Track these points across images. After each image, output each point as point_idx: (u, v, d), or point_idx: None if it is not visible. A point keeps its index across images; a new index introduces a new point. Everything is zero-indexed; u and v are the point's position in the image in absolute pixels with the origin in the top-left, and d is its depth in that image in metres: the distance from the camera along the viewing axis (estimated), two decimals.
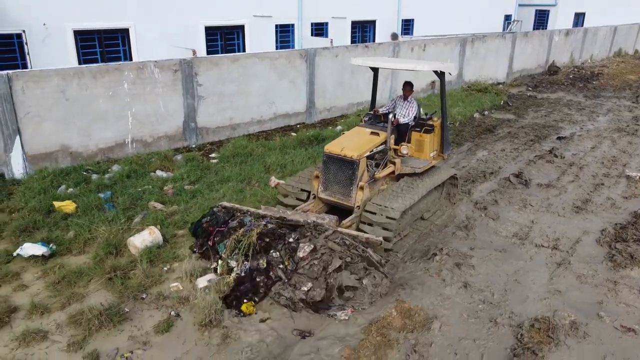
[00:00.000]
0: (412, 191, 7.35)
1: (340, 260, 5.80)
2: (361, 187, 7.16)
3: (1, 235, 7.38)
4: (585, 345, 5.30)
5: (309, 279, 5.76)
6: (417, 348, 5.19)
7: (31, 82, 9.38)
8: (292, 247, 6.08)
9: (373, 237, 6.28)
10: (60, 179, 9.25)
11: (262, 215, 6.83)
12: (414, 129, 8.26)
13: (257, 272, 6.04)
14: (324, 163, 7.41)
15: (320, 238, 6.13)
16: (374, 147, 7.55)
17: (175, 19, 14.49)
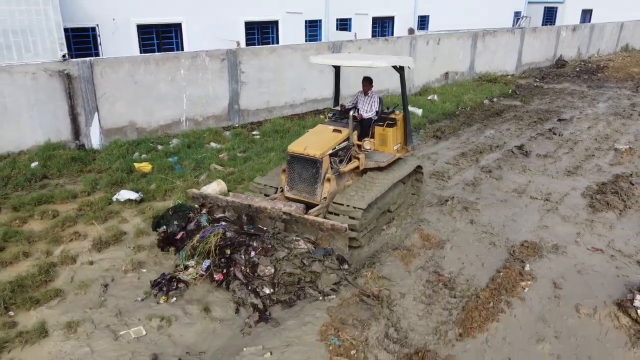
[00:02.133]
0: (377, 184, 7.44)
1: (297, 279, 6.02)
2: (328, 179, 7.19)
3: (97, 188, 9.19)
4: (561, 258, 6.94)
5: (270, 284, 5.94)
6: (433, 258, 6.87)
7: (108, 67, 11.19)
8: (252, 261, 6.06)
9: (338, 224, 6.33)
10: (133, 148, 11.07)
11: (229, 202, 6.97)
12: (376, 124, 8.28)
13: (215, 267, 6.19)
14: (288, 163, 7.39)
15: (280, 253, 6.14)
16: (337, 145, 7.48)
17: (220, 15, 16.35)
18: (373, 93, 8.47)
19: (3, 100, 10.02)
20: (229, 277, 6.05)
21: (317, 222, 6.48)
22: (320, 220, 6.48)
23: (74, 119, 10.98)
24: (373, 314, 5.58)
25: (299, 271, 6.04)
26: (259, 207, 6.82)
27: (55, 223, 7.75)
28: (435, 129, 13.54)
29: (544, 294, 6.09)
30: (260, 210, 6.81)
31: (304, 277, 6.02)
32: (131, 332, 5.29)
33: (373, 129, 8.23)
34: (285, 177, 7.48)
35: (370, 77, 8.40)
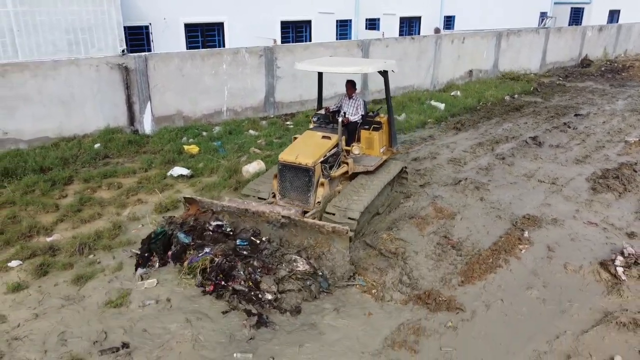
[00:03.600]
0: (367, 190, 7.52)
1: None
2: (322, 183, 7.27)
3: (152, 166, 10.52)
4: (558, 229, 7.90)
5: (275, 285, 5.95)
6: (444, 226, 7.93)
7: (160, 62, 12.56)
8: (254, 279, 5.98)
9: (339, 227, 6.21)
10: (181, 133, 12.41)
11: (224, 207, 6.88)
12: (362, 127, 8.37)
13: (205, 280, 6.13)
14: (280, 171, 7.37)
15: (281, 272, 6.05)
16: (327, 152, 7.49)
17: (258, 15, 17.70)
18: (357, 96, 8.54)
19: (71, 90, 11.47)
20: (220, 290, 5.97)
21: (318, 225, 6.31)
22: (320, 224, 6.31)
23: (129, 107, 12.38)
24: (390, 264, 6.70)
25: (301, 289, 5.95)
26: (256, 212, 6.66)
27: (121, 192, 9.10)
28: (456, 121, 14.50)
29: (538, 255, 7.09)
30: (258, 215, 6.66)
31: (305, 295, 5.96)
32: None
33: (359, 133, 8.32)
34: (276, 184, 7.47)
35: (354, 80, 8.53)
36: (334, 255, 6.28)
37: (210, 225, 6.91)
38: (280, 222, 6.57)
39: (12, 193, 8.87)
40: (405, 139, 12.72)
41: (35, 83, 10.99)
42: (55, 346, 5.17)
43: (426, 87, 18.74)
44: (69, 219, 8.08)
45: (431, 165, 10.77)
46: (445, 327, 5.56)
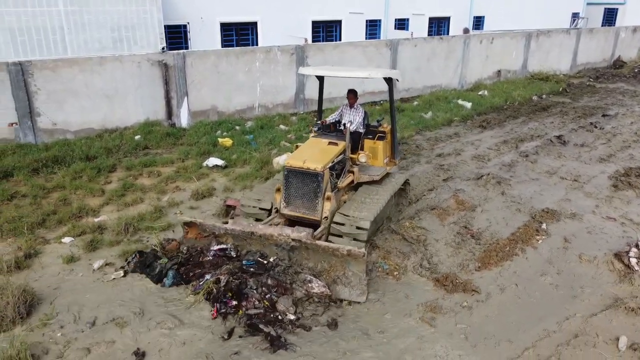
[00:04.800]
0: (375, 199, 7.24)
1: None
2: (328, 197, 6.85)
3: (189, 156, 11.16)
4: (576, 222, 8.17)
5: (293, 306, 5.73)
6: (465, 217, 8.29)
7: (197, 59, 13.23)
8: (270, 299, 5.74)
9: (355, 250, 5.84)
10: (215, 127, 13.05)
11: (228, 230, 6.51)
12: (366, 137, 8.17)
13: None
14: (286, 178, 6.98)
15: (298, 292, 5.87)
16: (335, 158, 7.18)
17: (290, 15, 18.29)
18: (358, 105, 8.32)
19: (115, 85, 12.22)
20: (226, 310, 5.64)
21: (331, 248, 5.95)
22: (334, 246, 5.94)
23: (168, 101, 13.09)
24: (412, 250, 7.13)
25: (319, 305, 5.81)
26: (263, 235, 6.27)
27: (160, 180, 9.75)
28: (482, 119, 14.75)
29: (554, 245, 7.39)
30: (265, 238, 6.28)
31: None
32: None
33: (363, 142, 8.10)
34: (280, 194, 7.07)
35: (355, 89, 8.33)
36: (350, 278, 5.96)
37: (212, 249, 6.55)
38: (290, 246, 6.20)
39: (62, 178, 9.62)
40: (430, 136, 13.07)
41: (83, 78, 11.78)
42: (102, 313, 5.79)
43: (454, 86, 18.98)
44: (114, 202, 8.76)
45: (455, 161, 11.10)
46: (461, 306, 5.95)
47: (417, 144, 12.36)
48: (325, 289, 5.91)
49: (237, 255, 6.43)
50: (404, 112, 15.08)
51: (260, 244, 6.40)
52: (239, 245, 6.56)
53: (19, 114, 11.14)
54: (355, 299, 5.91)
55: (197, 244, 6.79)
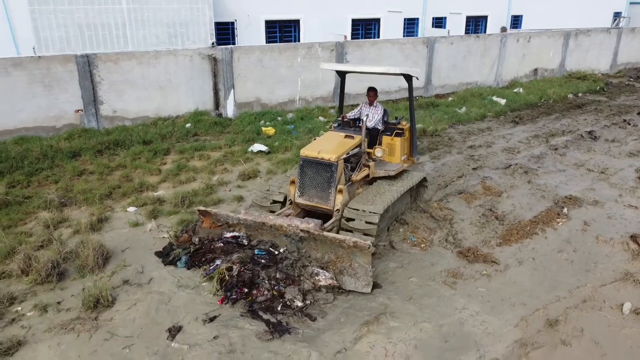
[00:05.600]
0: (387, 194, 7.31)
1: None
2: (340, 190, 7.00)
3: (235, 143, 12.09)
4: (598, 209, 8.63)
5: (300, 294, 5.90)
6: (491, 202, 8.87)
7: (243, 54, 14.18)
8: (279, 289, 5.93)
9: (361, 242, 5.96)
10: (259, 117, 13.97)
11: (240, 220, 6.74)
12: (384, 133, 8.29)
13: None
14: (301, 167, 7.18)
15: (306, 284, 6.05)
16: (350, 150, 7.33)
17: (331, 13, 19.13)
18: (378, 103, 8.51)
19: (169, 76, 13.30)
20: (237, 297, 5.85)
21: (338, 239, 6.09)
22: (341, 238, 6.07)
23: (216, 93, 14.09)
24: (439, 226, 7.80)
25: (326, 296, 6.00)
26: (274, 225, 6.48)
27: (210, 162, 10.71)
28: (515, 115, 15.15)
29: (573, 228, 7.91)
30: (275, 228, 6.51)
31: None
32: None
33: (381, 139, 8.27)
34: (295, 184, 7.27)
35: (375, 87, 8.52)
36: (356, 270, 6.10)
37: (225, 236, 6.83)
38: (299, 236, 6.41)
39: (124, 159, 10.71)
40: (463, 130, 13.61)
41: (140, 70, 12.89)
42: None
43: (489, 83, 19.35)
44: (169, 180, 9.76)
45: (485, 153, 11.64)
46: (481, 274, 6.60)
47: (450, 137, 12.93)
48: (333, 281, 6.08)
49: (248, 244, 6.66)
50: (438, 107, 15.65)
51: (271, 234, 6.61)
52: (251, 235, 6.80)
53: (84, 102, 12.33)
54: (361, 290, 6.04)
55: (210, 233, 7.04)
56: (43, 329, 5.44)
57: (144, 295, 5.99)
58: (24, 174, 9.73)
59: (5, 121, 11.48)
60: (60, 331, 5.39)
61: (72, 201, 8.65)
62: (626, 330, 5.50)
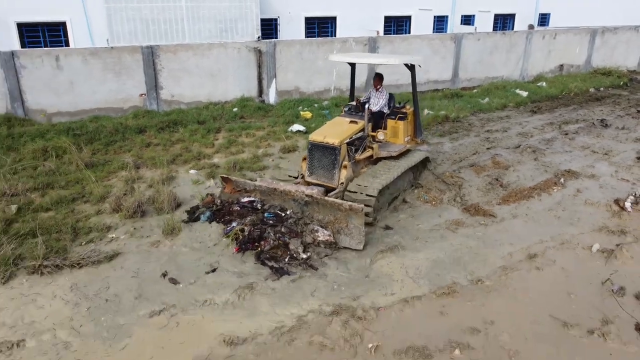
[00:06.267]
0: (388, 171, 8.16)
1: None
2: (344, 166, 7.91)
3: (276, 124, 13.75)
4: (592, 181, 9.84)
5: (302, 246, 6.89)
6: (498, 173, 10.20)
7: (285, 47, 15.84)
8: (284, 240, 6.91)
9: (355, 205, 6.83)
10: (297, 104, 15.61)
11: (256, 187, 7.81)
12: (389, 117, 9.05)
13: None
14: (309, 150, 8.13)
15: (307, 238, 6.98)
16: (353, 134, 8.17)
17: (364, 11, 20.67)
18: (384, 89, 9.35)
19: (219, 66, 15.08)
20: (247, 247, 6.92)
21: (336, 203, 7.04)
22: (338, 202, 7.00)
23: (259, 82, 15.80)
24: (448, 188, 9.23)
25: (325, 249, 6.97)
26: (284, 191, 7.50)
27: (255, 139, 12.39)
28: (534, 106, 16.29)
29: (566, 194, 9.19)
30: (285, 193, 7.51)
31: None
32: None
33: (385, 122, 9.05)
34: (305, 164, 8.22)
35: (382, 74, 9.46)
36: (351, 230, 7.01)
37: (242, 200, 7.84)
38: (305, 200, 7.37)
39: (182, 134, 12.51)
40: (483, 117, 14.88)
41: (195, 60, 14.71)
42: None
43: (515, 78, 20.42)
44: (222, 151, 11.48)
45: (500, 136, 12.91)
46: (479, 223, 8.00)
47: (470, 122, 14.24)
48: (330, 237, 6.99)
49: (261, 208, 7.67)
50: (462, 98, 16.93)
51: (281, 198, 7.61)
52: (264, 200, 7.78)
53: (147, 87, 14.24)
54: (354, 247, 6.97)
55: (231, 198, 8.08)
56: (133, 246, 7.20)
57: (196, 232, 7.69)
58: (102, 144, 11.64)
59: (84, 102, 13.49)
60: (146, 247, 7.13)
61: (144, 164, 10.47)
62: (591, 263, 6.84)
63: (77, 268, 6.61)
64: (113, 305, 5.91)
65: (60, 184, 9.28)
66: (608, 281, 6.32)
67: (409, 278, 6.47)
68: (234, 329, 5.44)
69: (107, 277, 6.47)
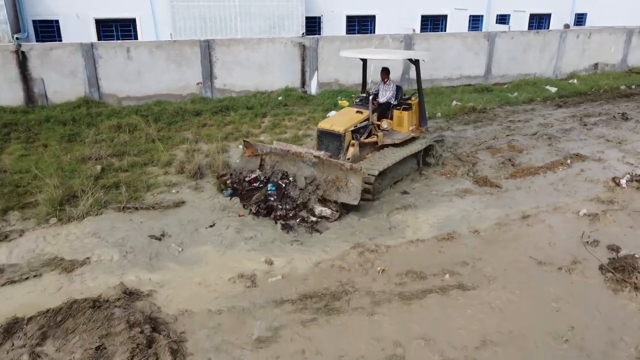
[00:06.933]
0: (389, 157, 8.97)
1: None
2: (352, 144, 8.79)
3: (316, 111, 15.28)
4: (598, 163, 10.84)
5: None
6: (512, 155, 11.35)
7: (326, 43, 17.35)
8: (293, 207, 8.09)
9: (355, 165, 7.69)
10: (336, 95, 17.10)
11: (272, 149, 8.79)
12: (395, 108, 9.82)
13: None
14: (318, 137, 9.03)
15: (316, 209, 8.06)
16: (358, 123, 9.03)
17: (402, 9, 21.98)
18: (391, 82, 10.09)
19: (267, 59, 16.75)
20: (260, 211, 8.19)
21: (339, 164, 7.95)
22: (341, 162, 8.01)
23: (302, 74, 17.38)
24: (463, 164, 10.49)
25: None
26: (295, 152, 8.40)
27: (297, 123, 13.96)
28: (561, 100, 17.15)
29: (570, 173, 10.28)
30: (296, 155, 8.38)
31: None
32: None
33: (392, 112, 9.84)
34: (315, 148, 9.20)
35: (388, 68, 10.21)
36: (349, 188, 7.91)
37: (247, 179, 8.78)
38: (313, 161, 8.26)
39: (233, 117, 14.24)
40: (509, 109, 15.93)
41: (246, 53, 16.43)
42: None
43: (548, 76, 21.18)
44: (267, 132, 13.12)
45: (522, 125, 13.98)
46: (485, 192, 9.26)
47: (495, 113, 15.34)
48: (332, 215, 8.07)
49: (264, 179, 8.75)
50: (492, 92, 17.97)
51: (293, 160, 8.53)
52: (278, 162, 8.76)
53: (203, 77, 16.06)
54: (351, 202, 7.90)
55: (249, 163, 9.14)
56: (193, 198, 8.88)
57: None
58: (165, 124, 13.50)
59: (149, 88, 15.45)
60: (201, 199, 8.81)
61: (201, 139, 12.23)
62: (576, 223, 8.01)
63: (151, 210, 8.34)
64: (180, 235, 7.59)
65: (133, 152, 11.14)
66: (584, 234, 7.50)
67: (417, 227, 7.85)
68: (274, 257, 7.00)
69: (175, 216, 8.17)
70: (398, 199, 8.89)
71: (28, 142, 11.81)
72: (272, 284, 6.33)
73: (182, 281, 6.43)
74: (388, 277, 6.49)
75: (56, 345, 5.02)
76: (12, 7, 17.31)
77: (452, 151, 11.19)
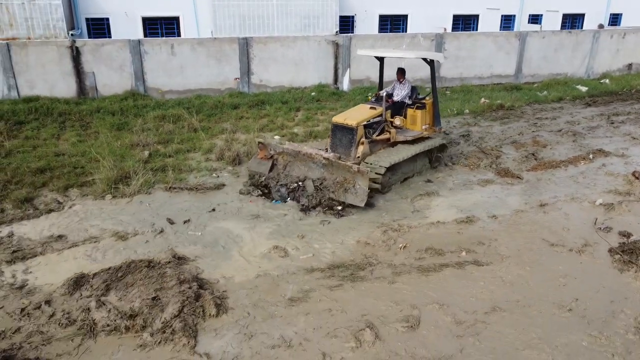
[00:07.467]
0: (400, 153, 9.26)
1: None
2: (362, 142, 9.07)
3: (348, 106, 15.91)
4: (620, 158, 11.12)
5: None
6: (536, 150, 11.72)
7: (359, 41, 17.97)
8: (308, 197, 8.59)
9: (362, 168, 8.03)
10: (367, 91, 17.71)
11: (284, 149, 9.12)
12: (409, 107, 10.09)
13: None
14: (332, 130, 9.41)
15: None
16: (371, 118, 9.35)
17: (434, 9, 22.40)
18: (406, 81, 10.38)
19: (301, 56, 17.49)
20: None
21: (347, 165, 8.27)
22: (349, 164, 8.29)
23: (335, 71, 18.06)
24: (486, 157, 10.97)
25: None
26: (306, 153, 8.74)
27: (329, 116, 14.61)
28: (591, 100, 17.30)
29: (592, 167, 10.63)
30: (307, 156, 8.72)
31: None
32: None
33: (405, 111, 10.13)
34: (329, 141, 9.68)
35: (404, 68, 10.51)
36: (357, 189, 8.23)
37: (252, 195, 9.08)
38: (322, 163, 8.62)
39: (268, 111, 15.04)
40: (537, 107, 16.22)
41: (282, 50, 17.21)
42: None
43: (580, 75, 21.25)
44: (300, 124, 13.86)
45: (548, 122, 14.29)
46: (506, 183, 9.74)
47: (523, 111, 15.67)
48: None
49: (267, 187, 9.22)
50: (521, 91, 18.25)
51: (304, 160, 8.90)
52: (290, 162, 9.11)
53: (241, 72, 16.93)
54: (358, 204, 8.21)
55: (260, 166, 9.43)
56: (232, 181, 9.67)
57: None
58: (205, 115, 14.40)
59: (190, 82, 16.40)
60: (239, 184, 9.59)
61: (239, 130, 13.06)
62: (591, 212, 8.43)
63: (194, 191, 9.17)
64: (221, 213, 8.39)
65: (176, 140, 12.04)
66: (597, 221, 7.93)
67: (438, 211, 8.43)
68: (306, 231, 7.71)
69: (215, 197, 8.98)
70: (422, 187, 9.47)
71: (82, 129, 12.89)
72: (303, 260, 7.02)
73: (223, 252, 7.19)
74: (409, 253, 7.10)
75: (118, 295, 5.84)
76: (68, 6, 18.58)
77: (477, 145, 11.66)
